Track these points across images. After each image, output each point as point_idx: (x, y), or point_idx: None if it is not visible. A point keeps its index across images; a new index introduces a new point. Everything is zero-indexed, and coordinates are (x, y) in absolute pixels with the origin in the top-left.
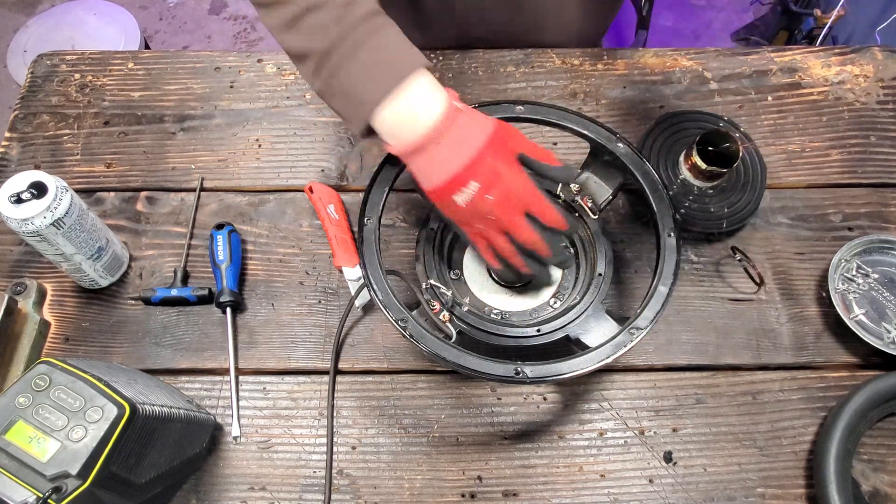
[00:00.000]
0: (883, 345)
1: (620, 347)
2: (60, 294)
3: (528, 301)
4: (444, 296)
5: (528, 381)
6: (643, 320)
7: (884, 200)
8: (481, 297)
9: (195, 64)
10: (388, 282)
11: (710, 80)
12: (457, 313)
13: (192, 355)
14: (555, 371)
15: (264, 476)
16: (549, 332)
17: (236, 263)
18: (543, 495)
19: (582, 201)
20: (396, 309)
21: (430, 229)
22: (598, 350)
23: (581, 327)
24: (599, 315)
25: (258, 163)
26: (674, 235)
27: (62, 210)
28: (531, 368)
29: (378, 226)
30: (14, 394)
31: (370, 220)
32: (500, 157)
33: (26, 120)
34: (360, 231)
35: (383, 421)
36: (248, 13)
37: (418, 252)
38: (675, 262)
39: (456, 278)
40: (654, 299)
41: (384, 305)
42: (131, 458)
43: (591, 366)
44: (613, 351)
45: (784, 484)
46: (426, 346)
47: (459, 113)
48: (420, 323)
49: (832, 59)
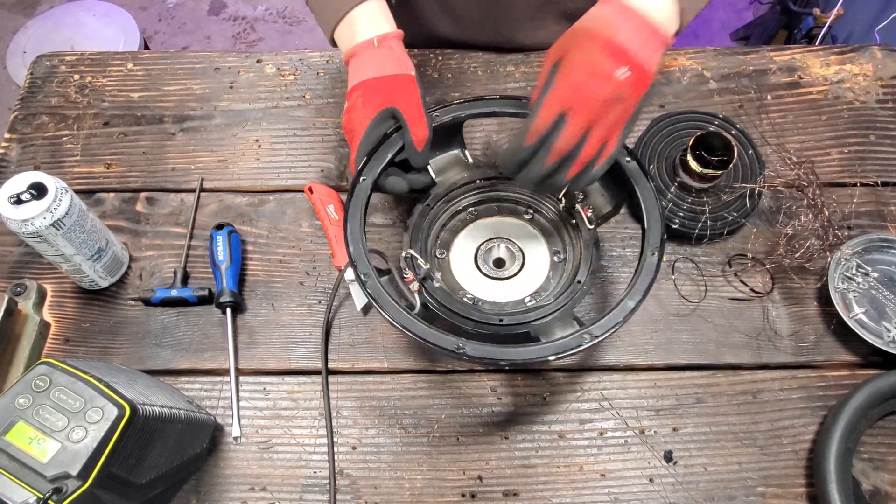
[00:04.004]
0: (883, 343)
1: (566, 349)
2: (60, 295)
3: (505, 294)
4: (419, 268)
5: (466, 357)
6: (599, 328)
7: (883, 199)
8: (461, 280)
9: (195, 64)
10: (365, 240)
11: (710, 80)
12: (427, 287)
13: (192, 356)
14: (494, 354)
15: (265, 476)
16: (511, 325)
17: (236, 264)
18: (544, 495)
19: (582, 210)
20: (364, 264)
21: (426, 205)
22: (544, 346)
23: (545, 327)
24: (567, 320)
25: (258, 163)
26: (656, 255)
27: (62, 211)
28: (472, 347)
29: (371, 190)
30: (14, 395)
31: (365, 180)
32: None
33: (26, 121)
34: (352, 187)
35: (383, 421)
36: (248, 14)
37: (409, 223)
38: (650, 282)
39: (441, 257)
40: (618, 310)
41: (353, 260)
42: (132, 459)
43: (529, 357)
44: (557, 350)
45: (784, 483)
46: (382, 305)
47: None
48: (384, 285)
49: (831, 58)
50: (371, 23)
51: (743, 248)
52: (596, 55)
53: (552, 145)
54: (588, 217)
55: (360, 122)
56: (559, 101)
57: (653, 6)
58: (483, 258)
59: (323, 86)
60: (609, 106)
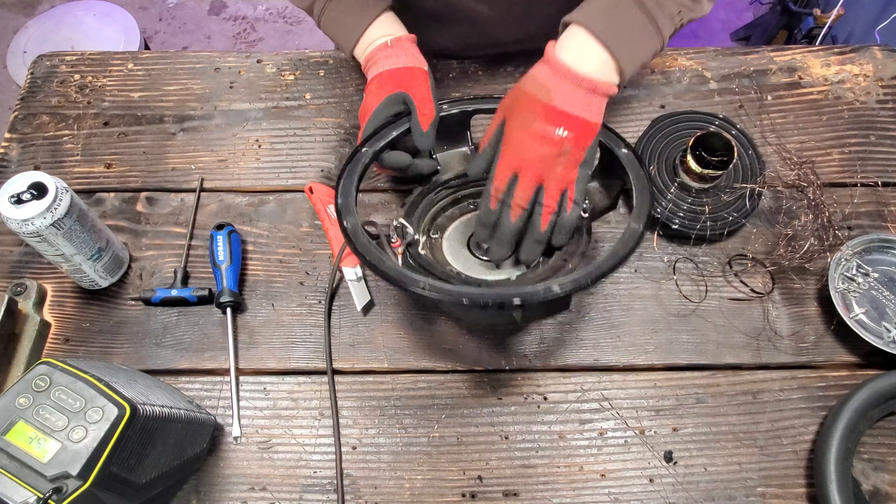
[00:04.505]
0: (883, 344)
1: (532, 295)
2: (61, 295)
3: (493, 276)
4: (408, 235)
5: (429, 290)
6: (570, 283)
7: (884, 200)
8: (451, 259)
9: (195, 64)
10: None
11: (710, 80)
12: (412, 252)
13: (192, 356)
14: (453, 292)
15: (265, 476)
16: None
17: (236, 264)
18: (544, 495)
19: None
20: (352, 214)
21: (427, 187)
22: (509, 289)
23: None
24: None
25: (258, 163)
26: (640, 226)
27: (62, 211)
28: (435, 284)
29: (370, 160)
30: (14, 394)
31: (366, 150)
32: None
33: (26, 121)
34: (352, 154)
35: (383, 421)
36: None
37: (407, 200)
38: (630, 248)
39: (434, 237)
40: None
41: (340, 209)
42: (132, 459)
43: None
44: (522, 295)
45: (784, 483)
46: (356, 243)
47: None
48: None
49: (832, 58)
50: (384, 31)
51: (743, 248)
52: (533, 121)
53: (511, 202)
54: (584, 207)
55: (371, 105)
56: (508, 165)
57: (589, 65)
58: (475, 243)
59: (323, 86)
60: (552, 162)
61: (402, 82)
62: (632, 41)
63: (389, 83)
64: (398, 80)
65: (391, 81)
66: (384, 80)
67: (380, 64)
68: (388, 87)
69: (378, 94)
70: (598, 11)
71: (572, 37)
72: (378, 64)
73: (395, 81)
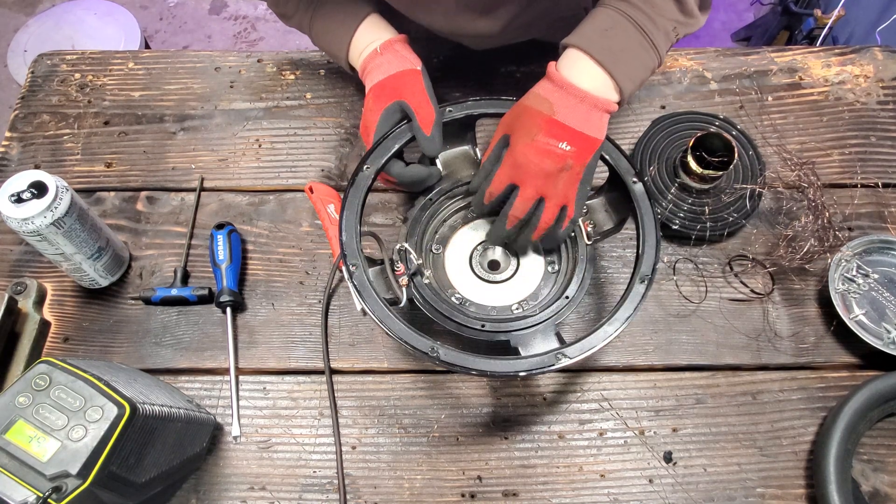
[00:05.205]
0: (883, 345)
1: (538, 367)
2: (60, 294)
3: (495, 298)
4: (411, 263)
5: (438, 361)
6: (574, 351)
7: (884, 200)
8: (452, 278)
9: (195, 64)
10: (360, 231)
11: (711, 80)
12: (416, 282)
13: (192, 355)
14: (467, 363)
15: (264, 476)
16: (492, 332)
17: (236, 263)
18: (543, 495)
19: (583, 224)
20: (354, 254)
21: (428, 199)
22: (516, 360)
23: (525, 338)
24: (548, 334)
25: (258, 163)
26: (644, 284)
27: (62, 210)
28: (445, 352)
29: (373, 179)
30: (14, 393)
31: (369, 169)
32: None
33: (26, 119)
34: (354, 175)
35: (383, 421)
36: (248, 13)
37: (408, 214)
38: (633, 310)
39: (436, 252)
40: (595, 336)
41: (344, 249)
42: (131, 458)
43: (501, 370)
44: (529, 367)
45: (784, 484)
46: (364, 297)
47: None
48: (370, 277)
49: (832, 59)
50: (372, 36)
51: (743, 248)
52: (536, 134)
53: (508, 213)
54: (588, 232)
55: (371, 121)
56: (507, 176)
57: (590, 82)
58: (478, 259)
59: (324, 85)
60: (554, 177)
61: (397, 90)
62: (629, 60)
63: (384, 94)
64: (392, 89)
65: (385, 92)
66: (378, 91)
67: (373, 74)
68: (383, 98)
69: (375, 109)
70: (594, 33)
71: (571, 59)
72: (371, 74)
73: (389, 91)
